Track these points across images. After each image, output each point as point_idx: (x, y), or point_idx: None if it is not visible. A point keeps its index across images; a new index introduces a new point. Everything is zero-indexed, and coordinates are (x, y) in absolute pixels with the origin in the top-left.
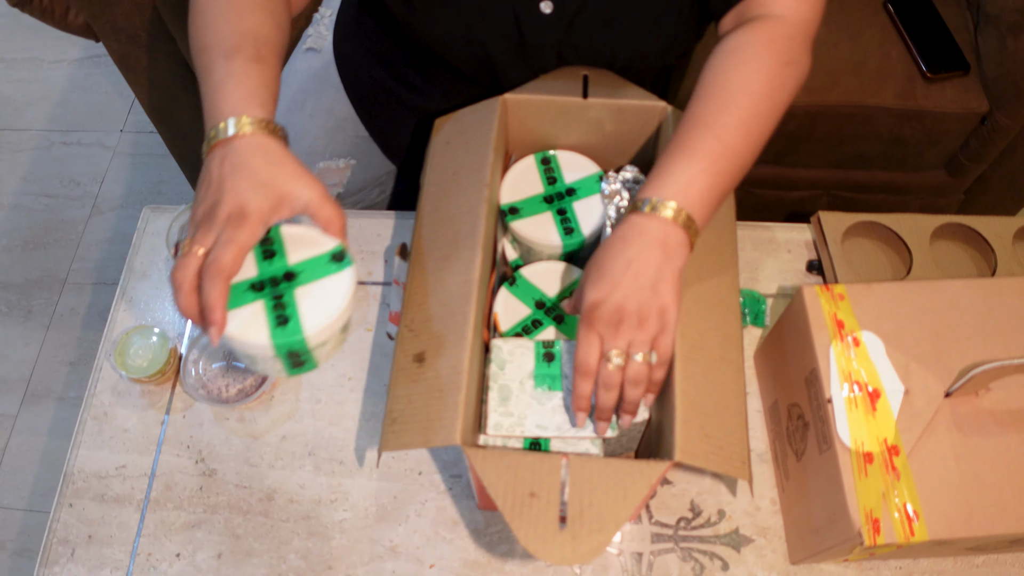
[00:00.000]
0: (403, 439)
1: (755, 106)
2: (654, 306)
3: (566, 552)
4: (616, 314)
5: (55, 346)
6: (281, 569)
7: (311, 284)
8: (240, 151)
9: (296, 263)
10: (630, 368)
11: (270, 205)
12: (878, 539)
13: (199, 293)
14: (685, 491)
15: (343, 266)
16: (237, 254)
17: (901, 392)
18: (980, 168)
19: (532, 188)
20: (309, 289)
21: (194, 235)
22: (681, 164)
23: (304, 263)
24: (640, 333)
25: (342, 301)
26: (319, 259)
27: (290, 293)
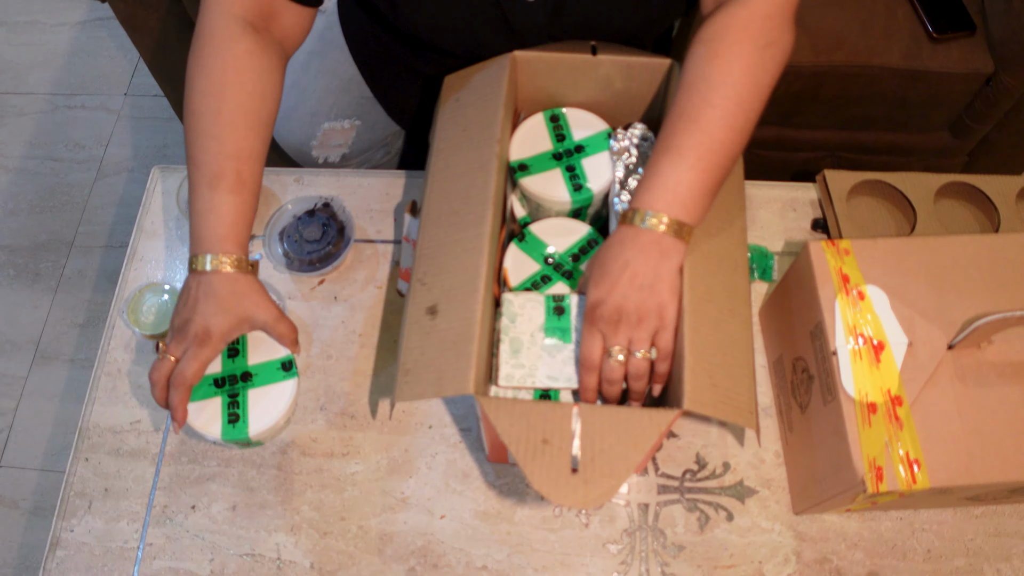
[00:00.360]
0: (417, 389)
1: (737, 96)
2: (652, 305)
3: (578, 496)
4: (615, 313)
5: (63, 308)
6: (295, 520)
7: (262, 388)
8: (213, 283)
9: (253, 364)
10: (631, 364)
11: (231, 326)
12: (881, 487)
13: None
14: (691, 444)
15: (290, 375)
16: (198, 369)
17: (905, 344)
18: (984, 129)
19: (541, 145)
20: (259, 393)
21: (170, 342)
22: (669, 165)
23: (259, 365)
24: (639, 331)
25: (284, 407)
26: (272, 364)
27: (244, 393)
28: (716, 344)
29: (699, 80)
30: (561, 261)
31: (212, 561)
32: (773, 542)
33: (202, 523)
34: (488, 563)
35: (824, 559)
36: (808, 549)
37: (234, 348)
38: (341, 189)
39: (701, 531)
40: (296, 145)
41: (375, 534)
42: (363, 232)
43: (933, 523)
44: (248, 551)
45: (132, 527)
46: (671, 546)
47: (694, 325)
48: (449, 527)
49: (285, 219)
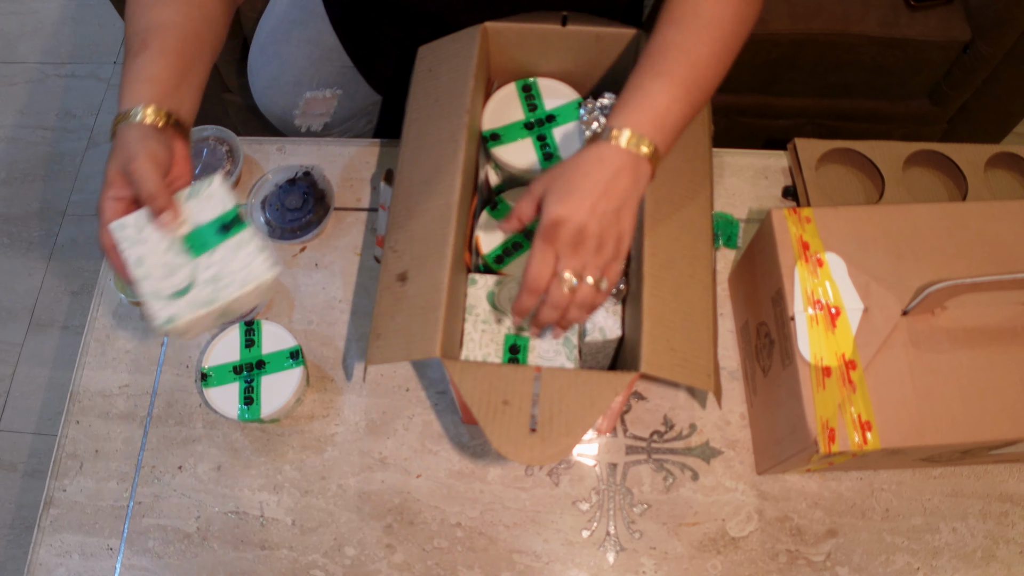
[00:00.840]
0: (387, 353)
1: (726, 40)
2: (614, 232)
3: (535, 453)
4: (577, 235)
5: (57, 276)
6: (277, 480)
7: (273, 375)
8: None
9: (267, 354)
10: (580, 290)
11: (112, 167)
12: (832, 447)
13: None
14: (659, 406)
15: (297, 364)
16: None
17: (860, 310)
18: (963, 97)
19: (513, 115)
20: (271, 379)
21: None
22: (660, 90)
23: (271, 355)
24: (597, 257)
25: (291, 391)
26: (282, 353)
27: (258, 379)
28: (676, 309)
29: (690, 15)
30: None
31: (198, 518)
32: (736, 501)
33: (189, 482)
34: (462, 520)
35: (785, 517)
36: (770, 508)
37: (250, 339)
38: (322, 158)
39: (667, 490)
40: (279, 114)
41: (354, 492)
42: (343, 200)
43: (892, 483)
44: (233, 509)
45: (122, 487)
46: (638, 504)
47: (653, 291)
48: (425, 486)
49: (267, 188)
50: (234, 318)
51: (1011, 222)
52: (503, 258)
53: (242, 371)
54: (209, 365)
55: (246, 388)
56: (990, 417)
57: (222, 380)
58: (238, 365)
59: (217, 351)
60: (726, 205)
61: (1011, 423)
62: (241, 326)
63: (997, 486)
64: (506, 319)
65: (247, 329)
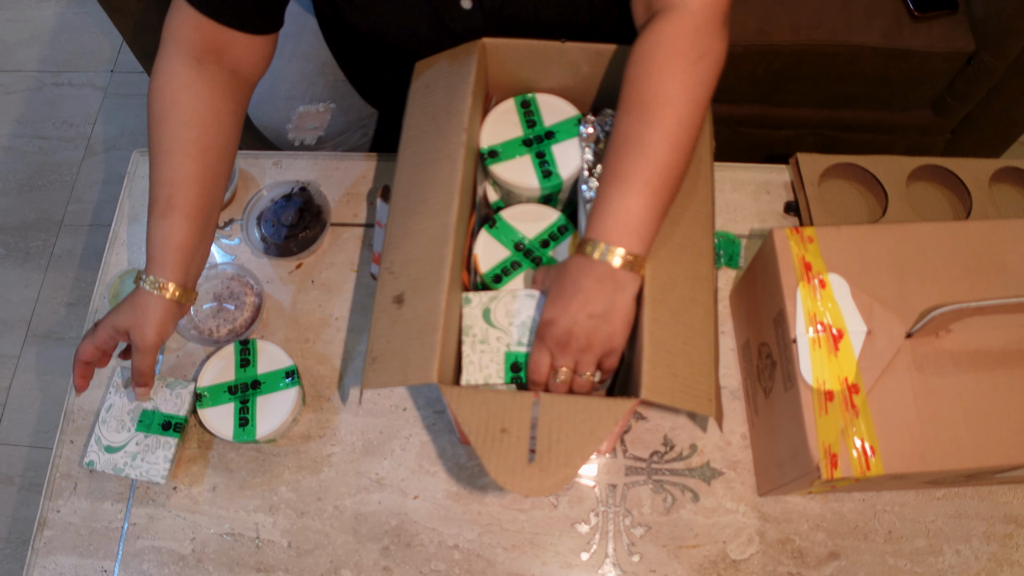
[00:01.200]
0: (383, 377)
1: (677, 114)
2: (603, 334)
3: (533, 484)
4: (565, 336)
5: (54, 287)
6: (272, 501)
7: (268, 395)
8: (132, 295)
9: (262, 373)
10: (575, 383)
11: (109, 326)
12: (835, 473)
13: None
14: (659, 426)
15: (293, 384)
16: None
17: (864, 333)
18: (967, 108)
19: (511, 131)
20: (266, 399)
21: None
22: (618, 196)
23: (267, 375)
24: (586, 355)
25: (286, 412)
26: (277, 373)
27: (253, 399)
28: (676, 333)
29: (636, 103)
30: (531, 247)
31: (193, 540)
32: (737, 523)
33: (183, 503)
34: (459, 542)
35: (787, 539)
36: (771, 529)
37: (245, 359)
38: (319, 172)
39: (667, 512)
40: (272, 128)
41: (350, 514)
42: (340, 216)
43: (895, 505)
44: (228, 530)
45: (116, 507)
46: (638, 526)
47: (654, 315)
48: (422, 507)
49: (262, 204)
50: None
51: (1017, 241)
52: (501, 277)
53: (237, 391)
54: (204, 385)
55: (241, 409)
56: (995, 441)
57: (217, 400)
58: (233, 385)
59: (212, 371)
60: (727, 221)
61: (1017, 448)
62: (236, 345)
63: (1001, 507)
64: (504, 336)
65: (242, 349)
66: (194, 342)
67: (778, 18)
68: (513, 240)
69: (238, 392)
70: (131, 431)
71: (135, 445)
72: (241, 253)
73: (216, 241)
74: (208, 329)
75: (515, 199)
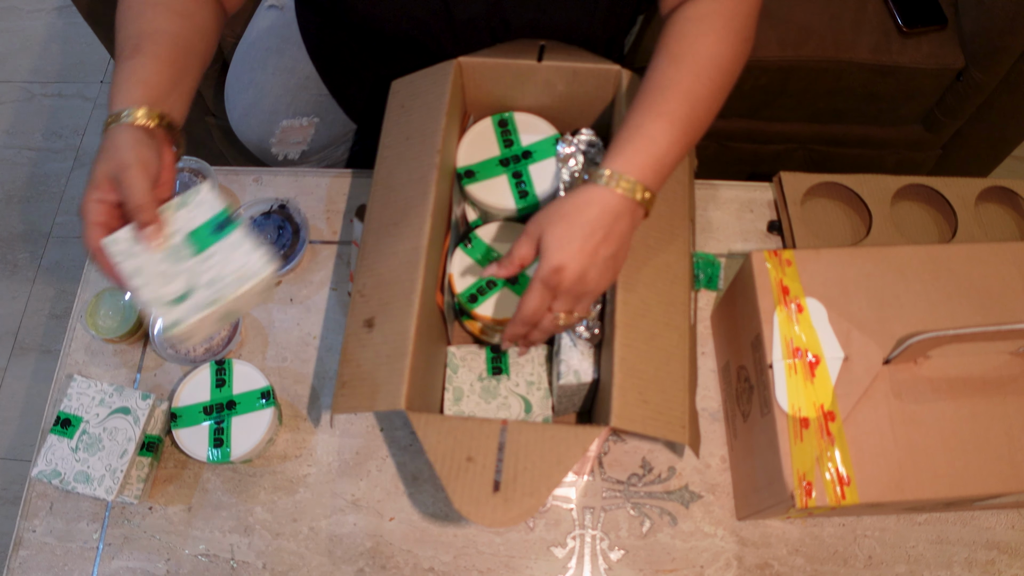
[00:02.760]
0: (352, 402)
1: (723, 80)
2: (609, 276)
3: (497, 515)
4: (577, 283)
5: (41, 299)
6: (248, 522)
7: (244, 416)
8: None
9: (237, 394)
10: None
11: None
12: (810, 502)
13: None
14: (637, 448)
15: (268, 405)
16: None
17: (841, 359)
18: (957, 124)
19: (488, 151)
20: (242, 420)
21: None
22: (659, 131)
23: (242, 395)
24: (590, 298)
25: (261, 433)
26: (253, 394)
27: (228, 420)
28: (649, 358)
29: (688, 55)
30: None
31: (168, 561)
32: (715, 547)
33: (159, 524)
34: (435, 565)
35: (765, 564)
36: (750, 554)
37: (221, 379)
38: (299, 189)
39: (645, 535)
40: (255, 142)
41: (325, 535)
42: (319, 233)
43: (875, 530)
44: (203, 551)
45: (92, 527)
46: (615, 549)
47: (626, 341)
48: (398, 529)
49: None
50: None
51: (998, 265)
52: (476, 297)
53: (212, 412)
54: (179, 405)
55: (216, 429)
56: (973, 470)
57: (192, 421)
58: (208, 405)
59: (187, 391)
60: (709, 239)
61: (995, 477)
62: (212, 365)
63: (983, 533)
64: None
65: (218, 369)
66: (171, 361)
67: (765, 33)
68: (489, 259)
69: (213, 412)
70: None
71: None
72: None
73: None
74: (185, 348)
75: (492, 219)
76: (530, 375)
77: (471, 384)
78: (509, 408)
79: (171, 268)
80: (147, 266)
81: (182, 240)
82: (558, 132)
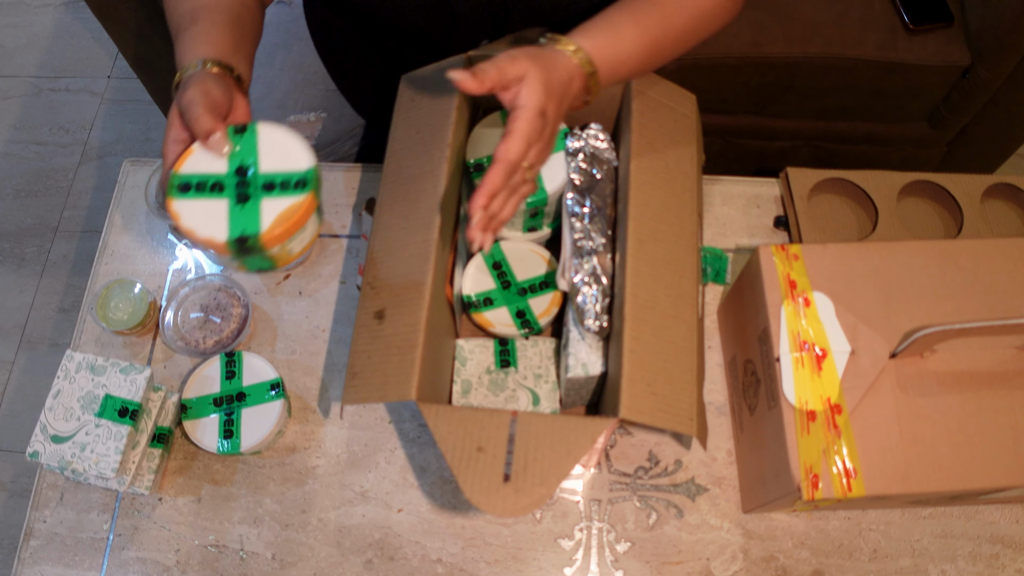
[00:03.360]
0: (362, 393)
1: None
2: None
3: (507, 504)
4: (551, 131)
5: (49, 293)
6: (257, 513)
7: (254, 407)
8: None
9: (247, 386)
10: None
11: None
12: (816, 495)
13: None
14: (644, 441)
15: (278, 397)
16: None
17: (847, 352)
18: (963, 121)
19: (496, 144)
20: (251, 412)
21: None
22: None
23: (252, 387)
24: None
25: (270, 425)
26: (263, 386)
27: (238, 412)
28: (657, 351)
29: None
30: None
31: (178, 551)
32: (721, 539)
33: (169, 514)
34: (443, 556)
35: (771, 557)
36: (755, 547)
37: (231, 371)
38: None
39: (651, 528)
40: None
41: (334, 527)
42: (328, 227)
43: (880, 523)
44: (213, 542)
45: (102, 518)
46: (621, 541)
47: (634, 333)
48: (406, 520)
49: None
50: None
51: (1004, 261)
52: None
53: (222, 403)
54: (189, 397)
55: (226, 421)
56: (979, 464)
57: (202, 412)
58: (218, 397)
59: (197, 383)
60: (716, 235)
61: (1000, 471)
62: (222, 357)
63: (988, 527)
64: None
65: (228, 361)
66: (181, 353)
67: (772, 30)
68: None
69: (223, 404)
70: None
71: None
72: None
73: (204, 250)
74: (194, 340)
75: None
76: (538, 368)
77: (479, 377)
78: (517, 401)
79: (74, 412)
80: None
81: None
82: (566, 126)
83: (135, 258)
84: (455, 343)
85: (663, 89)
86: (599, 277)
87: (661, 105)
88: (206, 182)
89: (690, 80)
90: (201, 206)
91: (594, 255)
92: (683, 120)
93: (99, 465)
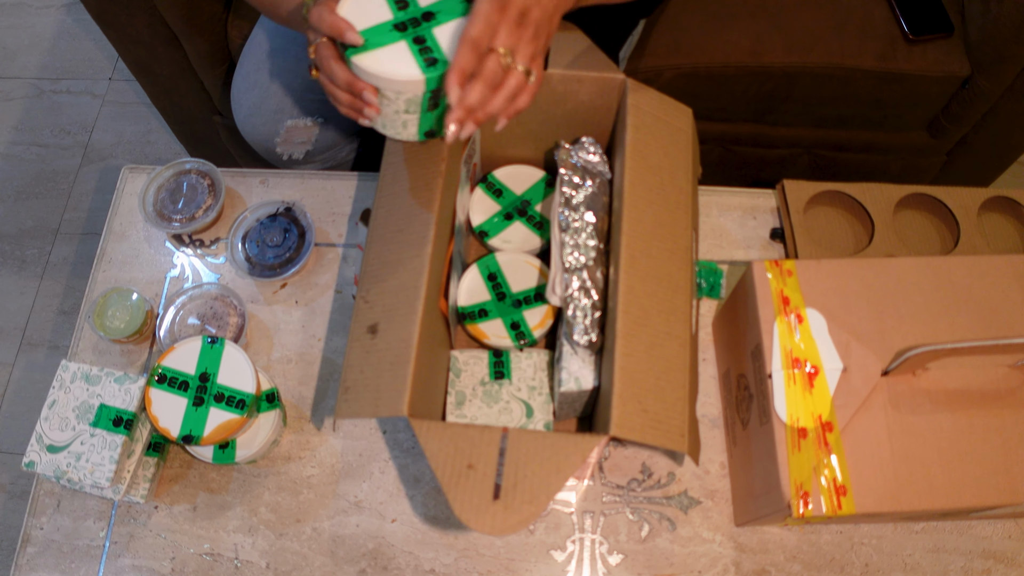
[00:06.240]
0: (355, 408)
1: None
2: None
3: (496, 522)
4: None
5: (49, 295)
6: (252, 522)
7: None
8: None
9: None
10: (511, 75)
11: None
12: (806, 512)
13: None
14: (637, 453)
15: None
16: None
17: (839, 370)
18: (962, 131)
19: (377, 15)
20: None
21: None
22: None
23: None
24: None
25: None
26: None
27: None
28: (649, 367)
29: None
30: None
31: (173, 560)
32: (713, 552)
33: (164, 522)
34: (436, 567)
35: (762, 570)
36: (747, 560)
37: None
38: (306, 191)
39: (644, 540)
40: (260, 142)
41: (328, 536)
42: (324, 236)
43: (872, 537)
44: (208, 550)
45: (98, 525)
46: (614, 553)
47: (626, 350)
48: (400, 531)
49: (247, 223)
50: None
51: (998, 278)
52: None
53: (406, 27)
54: None
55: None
56: (970, 482)
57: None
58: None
59: None
60: (712, 247)
61: (991, 489)
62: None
63: (980, 542)
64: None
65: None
66: None
67: (771, 39)
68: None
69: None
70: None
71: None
72: (226, 272)
73: (202, 259)
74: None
75: (390, 105)
76: (532, 380)
77: (473, 388)
78: (511, 413)
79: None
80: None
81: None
82: (559, 140)
83: (133, 265)
84: (449, 354)
85: (658, 103)
86: (589, 291)
87: (656, 120)
88: (177, 378)
89: (689, 88)
90: (168, 399)
91: (584, 270)
92: (678, 134)
93: (94, 475)
